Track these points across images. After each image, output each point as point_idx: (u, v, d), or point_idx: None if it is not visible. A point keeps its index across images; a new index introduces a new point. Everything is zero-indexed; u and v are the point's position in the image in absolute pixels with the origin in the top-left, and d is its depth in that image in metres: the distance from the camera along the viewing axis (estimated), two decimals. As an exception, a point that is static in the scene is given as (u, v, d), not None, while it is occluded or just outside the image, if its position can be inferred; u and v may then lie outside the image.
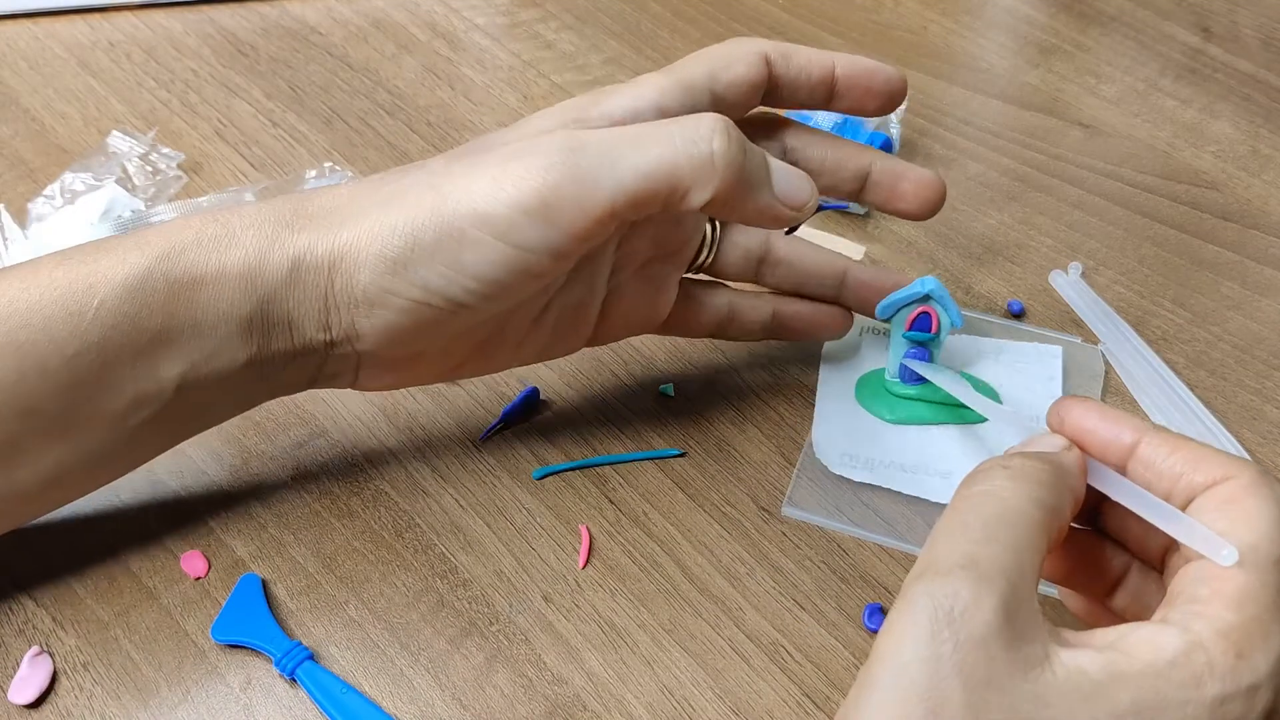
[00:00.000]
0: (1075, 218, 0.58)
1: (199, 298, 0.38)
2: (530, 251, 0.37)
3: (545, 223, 0.37)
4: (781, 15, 0.70)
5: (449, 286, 0.38)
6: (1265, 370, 0.51)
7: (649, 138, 0.37)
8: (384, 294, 0.38)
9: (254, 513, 0.45)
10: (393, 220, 0.38)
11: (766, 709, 0.40)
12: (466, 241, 0.37)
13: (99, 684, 0.40)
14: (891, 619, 0.30)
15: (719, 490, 0.46)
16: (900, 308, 0.46)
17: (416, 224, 0.38)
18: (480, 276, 0.38)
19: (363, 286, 0.38)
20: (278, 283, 0.38)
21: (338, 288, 0.38)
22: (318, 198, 0.40)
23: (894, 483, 0.45)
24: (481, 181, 0.37)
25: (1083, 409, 0.35)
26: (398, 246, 0.38)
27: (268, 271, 0.38)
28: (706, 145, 0.37)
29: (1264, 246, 0.56)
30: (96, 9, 0.69)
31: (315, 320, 0.39)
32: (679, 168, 0.37)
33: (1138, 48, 0.68)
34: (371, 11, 0.70)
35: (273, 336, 0.39)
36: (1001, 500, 0.31)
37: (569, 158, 0.37)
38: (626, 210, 0.37)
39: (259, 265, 0.38)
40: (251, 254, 0.38)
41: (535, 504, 0.45)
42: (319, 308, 0.39)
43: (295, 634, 0.41)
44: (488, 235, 0.37)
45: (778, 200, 0.39)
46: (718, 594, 0.43)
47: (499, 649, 0.41)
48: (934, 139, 0.62)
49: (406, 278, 0.38)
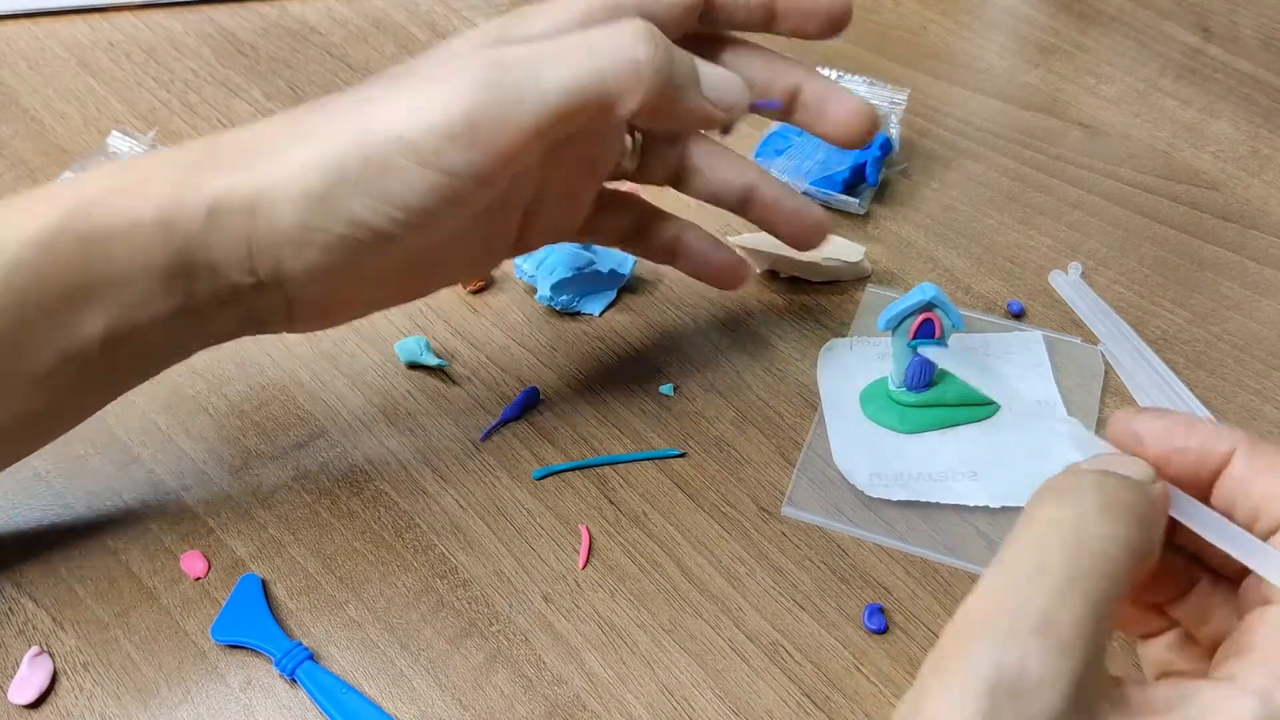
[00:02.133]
0: (1075, 218, 0.58)
1: (113, 251, 0.36)
2: (457, 177, 0.36)
3: (471, 146, 0.36)
4: (781, 15, 0.70)
5: (375, 218, 0.36)
6: (1265, 370, 0.51)
7: (572, 50, 0.36)
8: (309, 231, 0.36)
9: (254, 513, 0.45)
10: (314, 154, 0.36)
11: (766, 709, 0.40)
12: (392, 170, 0.36)
13: (99, 684, 0.40)
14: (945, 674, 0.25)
15: (719, 490, 0.46)
16: (903, 318, 0.46)
17: (339, 155, 0.36)
18: (407, 205, 0.36)
19: (286, 225, 0.36)
20: (195, 229, 0.36)
21: (260, 229, 0.37)
22: (232, 136, 0.38)
23: (928, 494, 0.45)
24: (403, 106, 0.36)
25: (1166, 424, 0.30)
26: (321, 181, 0.36)
27: (184, 218, 0.36)
28: (631, 53, 0.36)
29: (1264, 246, 0.56)
30: (96, 9, 0.69)
31: (240, 264, 0.37)
32: (605, 78, 0.36)
33: (1138, 48, 0.68)
34: (371, 11, 0.70)
35: (197, 284, 0.37)
36: (1091, 539, 0.26)
37: (491, 76, 0.36)
38: (554, 126, 0.36)
39: (174, 212, 0.36)
40: (165, 201, 0.36)
41: (535, 504, 0.45)
42: (242, 252, 0.37)
43: (295, 634, 0.41)
44: (413, 163, 0.36)
45: (707, 102, 0.38)
46: (717, 594, 0.43)
47: (499, 649, 0.41)
48: (934, 139, 0.62)
49: (332, 213, 0.36)
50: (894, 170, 0.59)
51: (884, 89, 0.60)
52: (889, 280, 0.54)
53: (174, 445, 0.47)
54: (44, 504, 0.45)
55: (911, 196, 0.59)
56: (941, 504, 0.45)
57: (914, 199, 0.58)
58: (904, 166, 0.60)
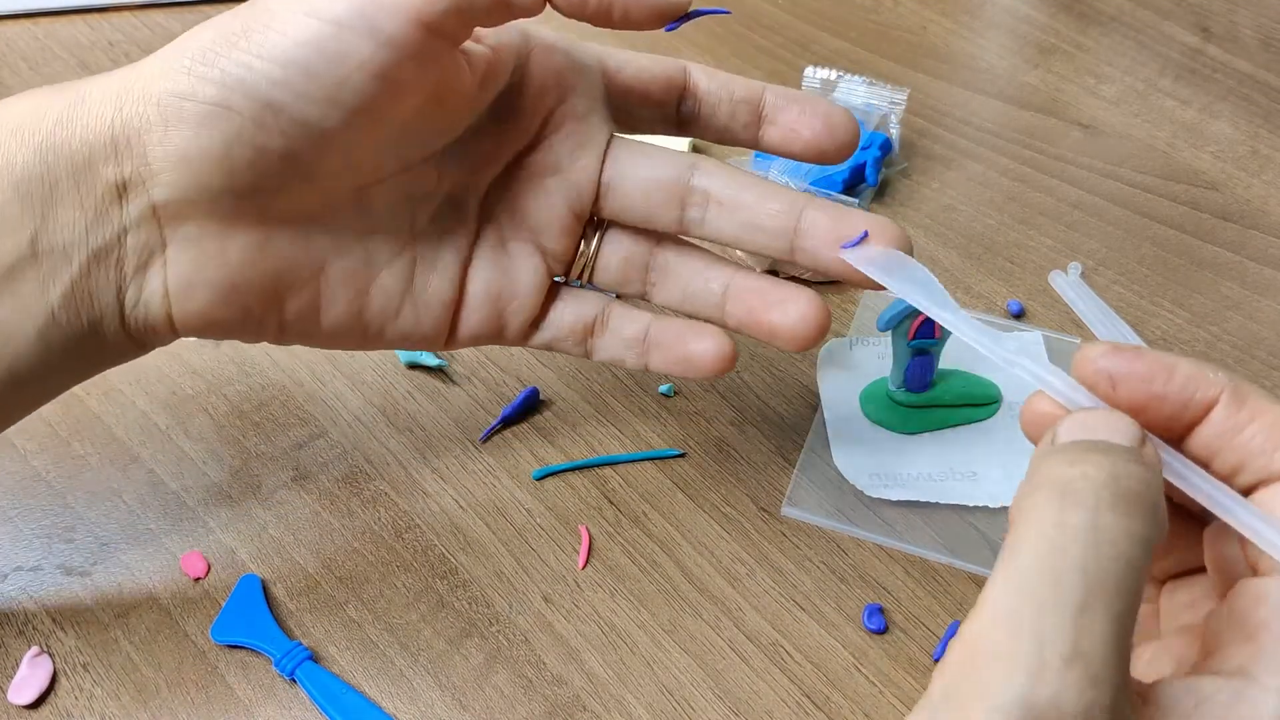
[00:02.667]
0: (1075, 218, 0.58)
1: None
2: (343, 26, 0.33)
3: None
4: (781, 15, 0.70)
5: (250, 75, 0.33)
6: (1265, 370, 0.51)
7: None
8: (178, 100, 0.33)
9: (254, 513, 0.45)
10: (205, 25, 0.34)
11: (766, 709, 0.40)
12: (274, 20, 0.33)
13: (99, 684, 0.40)
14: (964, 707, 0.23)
15: (719, 490, 0.46)
16: (902, 319, 0.46)
17: (225, 18, 0.34)
18: (286, 59, 0.33)
19: (155, 98, 0.33)
20: (55, 120, 0.33)
21: (127, 110, 0.33)
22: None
23: (928, 494, 0.45)
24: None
25: (1145, 367, 0.27)
26: (195, 44, 0.33)
27: (44, 114, 0.34)
28: None
29: (1263, 246, 0.56)
30: (96, 9, 0.69)
31: (103, 149, 0.33)
32: None
33: (1137, 48, 0.68)
34: (371, 11, 0.69)
35: (55, 197, 0.34)
36: (1109, 545, 0.24)
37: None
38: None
39: (37, 107, 0.34)
40: (35, 100, 0.34)
41: (535, 504, 0.45)
42: (105, 138, 0.33)
43: (295, 634, 0.41)
44: (298, 9, 0.33)
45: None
46: (717, 594, 0.43)
47: (499, 649, 0.41)
48: (934, 139, 0.62)
49: (202, 73, 0.33)
50: (894, 170, 0.59)
51: (884, 89, 0.60)
52: (889, 280, 0.54)
53: (174, 445, 0.47)
54: (44, 504, 0.45)
55: (911, 196, 0.59)
56: (941, 504, 0.45)
57: (914, 199, 0.58)
58: (904, 166, 0.60)
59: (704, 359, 0.41)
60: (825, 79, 0.61)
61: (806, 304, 0.39)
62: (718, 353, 0.41)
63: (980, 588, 0.43)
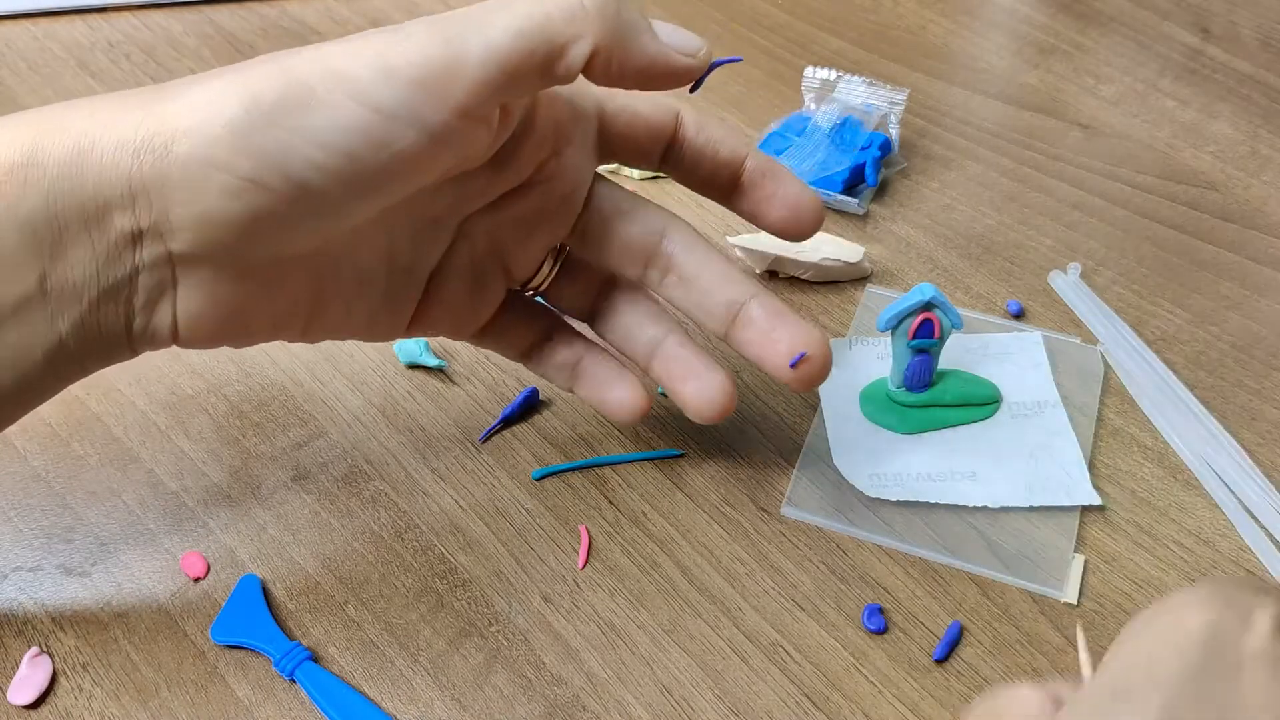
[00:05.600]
0: (1074, 218, 0.58)
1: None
2: (389, 117, 0.33)
3: (411, 85, 0.33)
4: (780, 15, 0.70)
5: (288, 157, 0.32)
6: (1264, 370, 0.51)
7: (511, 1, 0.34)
8: (208, 169, 0.32)
9: (254, 513, 0.45)
10: (227, 85, 0.32)
11: (766, 709, 0.40)
12: (317, 101, 0.32)
13: (98, 684, 0.40)
14: None
15: (718, 490, 0.46)
16: (902, 319, 0.46)
17: (257, 86, 0.32)
18: (328, 143, 0.32)
19: (181, 163, 0.32)
20: (63, 167, 0.32)
21: (146, 168, 0.32)
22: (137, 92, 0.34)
23: (927, 494, 0.45)
24: (339, 49, 0.33)
25: None
26: (231, 110, 0.32)
27: (48, 151, 0.32)
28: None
29: (1263, 246, 0.56)
30: (96, 9, 0.69)
31: (119, 201, 0.32)
32: (551, 19, 0.34)
33: (1137, 48, 0.68)
34: (371, 12, 0.70)
35: (65, 241, 0.33)
36: None
37: (434, 26, 0.34)
38: (502, 74, 0.33)
39: (35, 149, 0.32)
40: (29, 137, 0.32)
41: (535, 504, 0.45)
42: (122, 192, 0.32)
43: (295, 634, 0.41)
44: (341, 94, 0.32)
45: (668, 46, 0.36)
46: (717, 594, 0.43)
47: (498, 649, 0.41)
48: (933, 139, 0.62)
49: (236, 147, 0.32)
50: (893, 170, 0.59)
51: (884, 89, 0.60)
52: (888, 280, 0.54)
53: (173, 445, 0.47)
54: (44, 504, 0.45)
55: (911, 196, 0.59)
56: (941, 504, 0.45)
57: (913, 199, 0.58)
58: (903, 166, 0.60)
59: (618, 408, 0.43)
60: (825, 79, 0.61)
61: (717, 388, 0.41)
62: (632, 405, 0.43)
63: (980, 587, 0.43)
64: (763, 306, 0.41)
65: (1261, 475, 0.46)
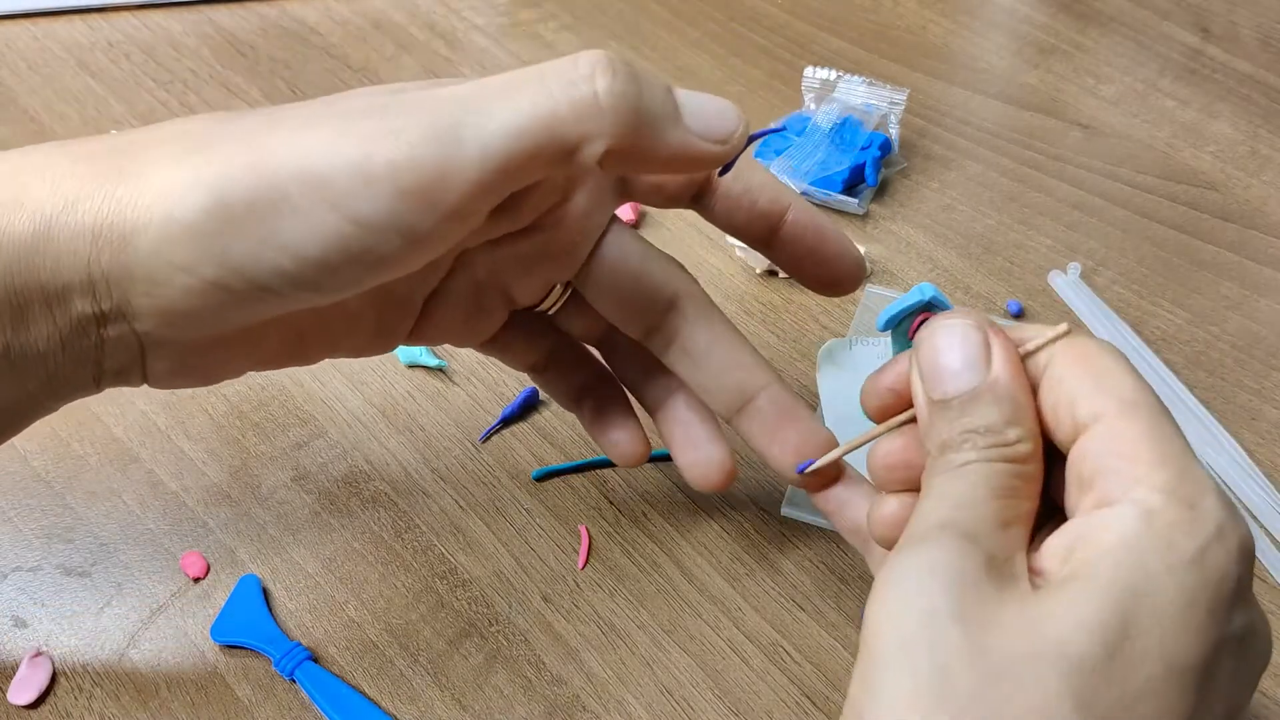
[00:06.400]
0: (1074, 218, 0.58)
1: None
2: (370, 228, 0.29)
3: (395, 194, 0.29)
4: (781, 15, 0.70)
5: (257, 266, 0.30)
6: (1264, 370, 0.51)
7: (518, 86, 0.30)
8: (170, 270, 0.30)
9: (253, 513, 0.45)
10: (192, 175, 0.30)
11: (766, 709, 0.40)
12: (290, 207, 0.29)
13: (98, 684, 0.40)
14: (877, 591, 0.28)
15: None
16: (902, 318, 0.46)
17: (225, 181, 0.29)
18: (300, 254, 0.29)
19: (140, 257, 0.30)
20: (21, 247, 0.30)
21: (105, 258, 0.30)
22: (93, 141, 0.32)
23: None
24: (316, 136, 0.30)
25: None
26: (195, 208, 0.29)
27: (6, 232, 0.30)
28: (588, 85, 0.29)
29: (1263, 246, 0.56)
30: (95, 9, 0.69)
31: (77, 287, 0.30)
32: (558, 117, 0.29)
33: (1136, 48, 0.68)
34: (371, 12, 0.70)
35: (27, 318, 0.31)
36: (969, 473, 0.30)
37: (425, 116, 0.29)
38: (501, 177, 0.30)
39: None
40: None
41: (535, 504, 0.45)
42: (80, 279, 0.30)
43: (294, 634, 0.41)
44: (319, 202, 0.29)
45: (694, 135, 0.31)
46: (717, 594, 0.43)
47: (498, 649, 0.41)
48: (933, 139, 0.62)
49: (199, 250, 0.29)
50: (893, 170, 0.59)
51: (884, 89, 0.60)
52: (888, 280, 0.54)
53: (173, 445, 0.47)
54: (44, 504, 0.45)
55: (911, 196, 0.59)
56: None
57: (913, 199, 0.58)
58: (903, 166, 0.60)
59: (616, 452, 0.42)
60: (825, 79, 0.61)
61: (716, 465, 0.39)
62: (629, 452, 0.41)
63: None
64: (774, 402, 0.38)
65: (1262, 475, 0.46)
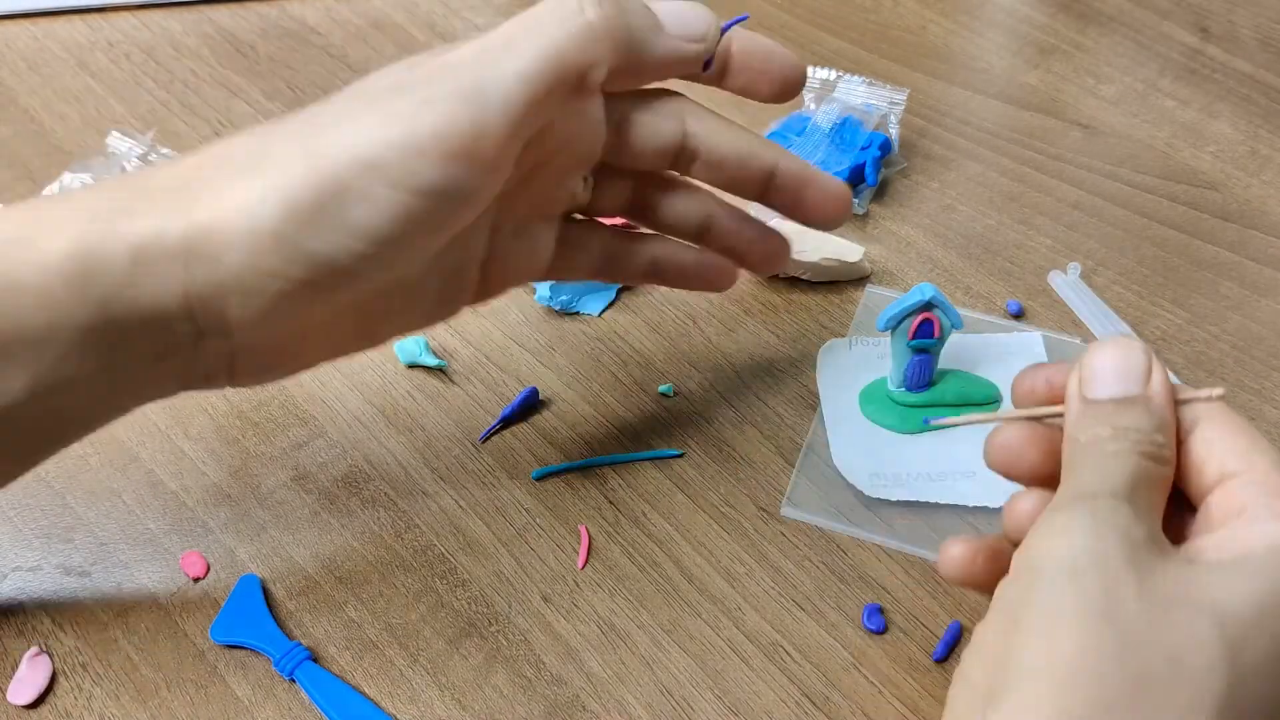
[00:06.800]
0: (1074, 218, 0.58)
1: (23, 303, 0.32)
2: (431, 195, 0.33)
3: (444, 158, 0.33)
4: (781, 15, 0.70)
5: (338, 253, 0.33)
6: (1264, 370, 0.51)
7: (520, 34, 0.34)
8: (260, 277, 0.33)
9: (253, 513, 0.45)
10: (259, 187, 0.32)
11: (765, 709, 0.40)
12: (353, 196, 0.32)
13: (98, 684, 0.40)
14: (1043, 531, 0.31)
15: (718, 490, 0.46)
16: (902, 318, 0.46)
17: (289, 186, 0.32)
18: (373, 235, 0.33)
19: (233, 272, 0.32)
20: (118, 279, 0.32)
21: (199, 277, 0.32)
22: (159, 173, 0.34)
23: (928, 494, 0.45)
24: (357, 127, 0.33)
25: None
26: (270, 217, 0.32)
27: (103, 268, 0.32)
28: (581, 18, 0.34)
29: (1263, 246, 0.56)
30: (95, 9, 0.69)
31: (175, 312, 0.33)
32: (564, 53, 0.34)
33: (1136, 48, 0.68)
34: (371, 12, 0.70)
35: (126, 341, 0.33)
36: None
37: (448, 85, 0.33)
38: (527, 118, 0.34)
39: (89, 262, 0.32)
40: (79, 248, 0.32)
41: (534, 504, 0.45)
42: (177, 301, 0.33)
43: (294, 634, 0.41)
44: (379, 184, 0.32)
45: (677, 39, 0.37)
46: (717, 594, 0.43)
47: (498, 649, 0.41)
48: (933, 139, 0.62)
49: (284, 253, 0.32)
50: (893, 170, 0.59)
51: (883, 89, 0.60)
52: (888, 280, 0.54)
53: (173, 445, 0.47)
54: (44, 504, 0.45)
55: (911, 196, 0.59)
56: (941, 504, 0.45)
57: (913, 199, 0.58)
58: (903, 166, 0.60)
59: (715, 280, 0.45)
60: (825, 79, 0.61)
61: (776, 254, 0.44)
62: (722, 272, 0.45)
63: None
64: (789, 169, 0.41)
65: (1261, 475, 0.46)
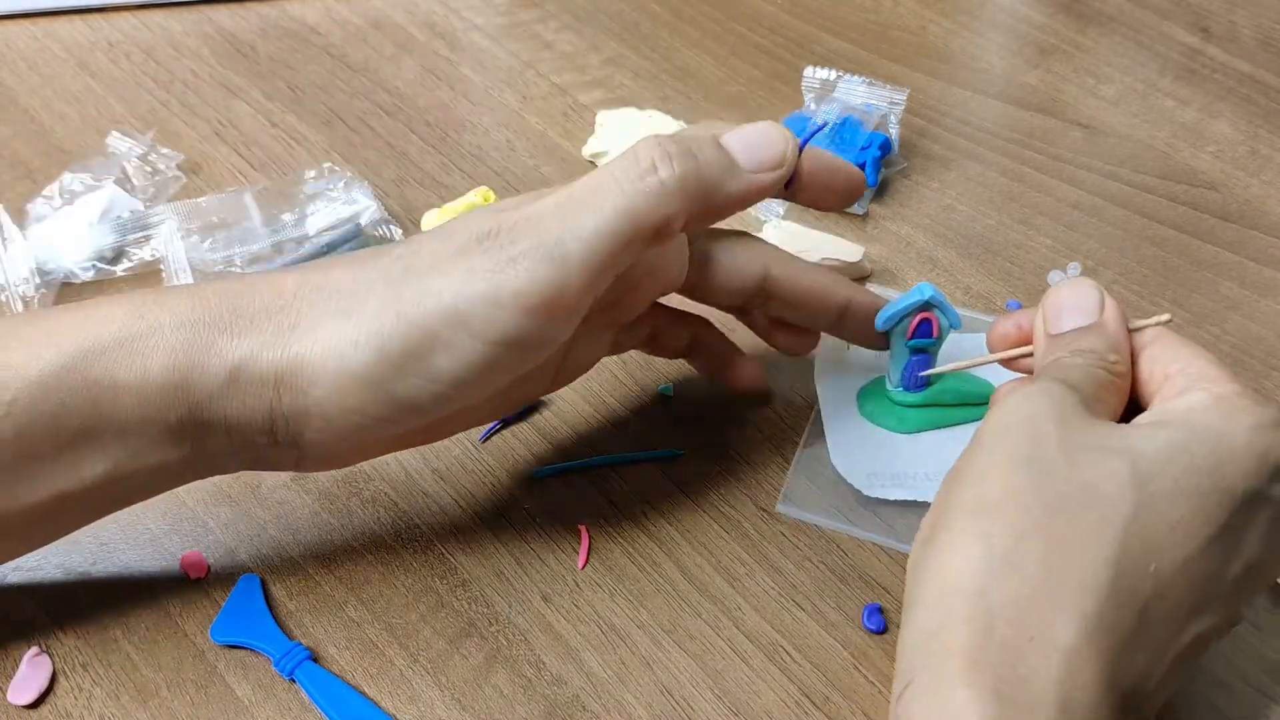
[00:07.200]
0: (1074, 218, 0.58)
1: (121, 401, 0.35)
2: (511, 346, 0.35)
3: (524, 313, 0.34)
4: (781, 15, 0.70)
5: (418, 395, 0.35)
6: (1264, 370, 0.51)
7: (596, 195, 0.35)
8: (343, 412, 0.36)
9: (253, 513, 0.45)
10: (353, 333, 0.35)
11: (765, 709, 0.40)
12: (439, 344, 0.35)
13: (98, 684, 0.40)
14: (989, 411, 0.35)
15: (718, 490, 0.46)
16: (901, 318, 0.46)
17: (381, 335, 0.35)
18: (455, 380, 0.35)
19: (317, 402, 0.36)
20: (212, 391, 0.35)
21: (285, 402, 0.36)
22: (257, 293, 0.37)
23: (926, 494, 0.45)
24: (448, 278, 0.35)
25: None
26: (361, 362, 0.35)
27: (200, 380, 0.35)
28: (654, 176, 0.35)
29: (1263, 246, 0.56)
30: (95, 9, 0.69)
31: (258, 426, 0.36)
32: (639, 211, 0.35)
33: (1136, 48, 0.68)
34: (370, 12, 0.70)
35: (207, 439, 0.37)
36: None
37: (530, 241, 0.35)
38: (604, 274, 0.36)
39: (189, 373, 0.35)
40: (181, 359, 0.35)
41: (535, 504, 0.45)
42: (262, 417, 0.36)
43: (294, 634, 0.41)
44: (463, 335, 0.35)
45: (753, 174, 0.37)
46: (716, 594, 0.43)
47: (498, 649, 0.41)
48: (933, 139, 0.62)
49: (368, 394, 0.35)
50: (893, 170, 0.59)
51: (884, 89, 0.60)
52: (888, 280, 0.54)
53: (173, 445, 0.47)
54: (43, 504, 0.45)
55: (911, 196, 0.59)
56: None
57: (913, 199, 0.58)
58: (903, 166, 0.60)
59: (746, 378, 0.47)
60: (825, 79, 0.61)
61: None
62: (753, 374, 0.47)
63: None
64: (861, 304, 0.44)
65: (1261, 475, 0.46)
